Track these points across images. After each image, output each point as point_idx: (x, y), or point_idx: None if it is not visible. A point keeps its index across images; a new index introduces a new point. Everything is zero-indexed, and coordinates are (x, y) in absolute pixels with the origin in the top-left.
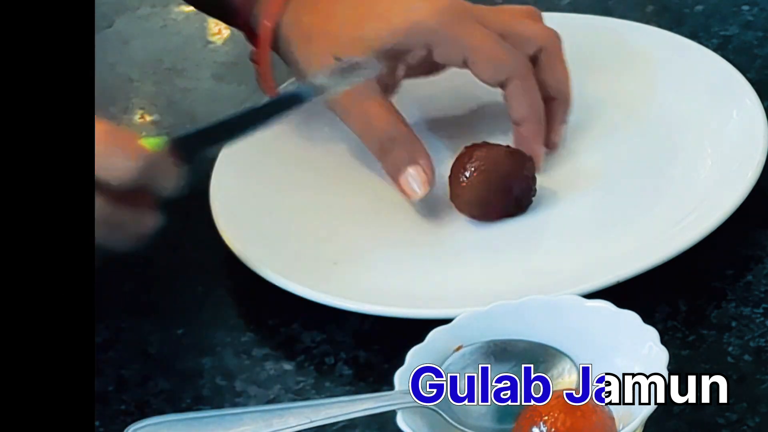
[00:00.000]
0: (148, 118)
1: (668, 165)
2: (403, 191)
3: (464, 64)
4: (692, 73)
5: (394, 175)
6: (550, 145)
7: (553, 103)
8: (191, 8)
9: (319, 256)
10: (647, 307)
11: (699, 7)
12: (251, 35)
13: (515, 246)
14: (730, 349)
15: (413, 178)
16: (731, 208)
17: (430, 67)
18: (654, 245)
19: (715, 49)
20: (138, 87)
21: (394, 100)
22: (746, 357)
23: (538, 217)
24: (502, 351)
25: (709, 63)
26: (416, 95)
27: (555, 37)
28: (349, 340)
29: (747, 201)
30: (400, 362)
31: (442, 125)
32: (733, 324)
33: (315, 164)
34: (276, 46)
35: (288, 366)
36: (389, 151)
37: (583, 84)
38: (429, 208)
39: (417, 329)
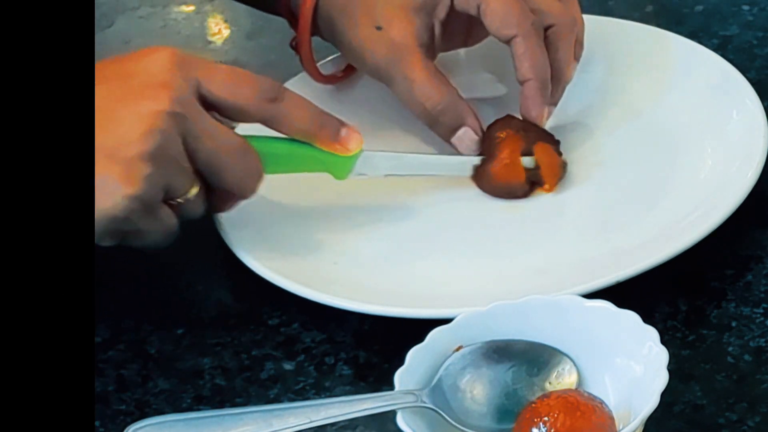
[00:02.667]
0: None
1: (668, 165)
2: (455, 149)
3: (477, 12)
4: (692, 73)
5: (445, 137)
6: (532, 120)
7: None
8: (191, 8)
9: (319, 256)
10: (647, 307)
11: (699, 7)
12: (293, 21)
13: (515, 246)
14: (730, 349)
15: (462, 140)
16: (731, 208)
17: (465, 30)
18: (654, 245)
19: (715, 49)
20: None
21: None
22: (746, 357)
23: (538, 217)
24: (502, 351)
25: (709, 63)
26: None
27: (572, 21)
28: (349, 340)
29: (747, 201)
30: (400, 362)
31: None
32: (733, 324)
33: None
34: (316, 26)
35: (288, 366)
36: (437, 118)
37: (583, 84)
38: (429, 207)
39: (417, 329)
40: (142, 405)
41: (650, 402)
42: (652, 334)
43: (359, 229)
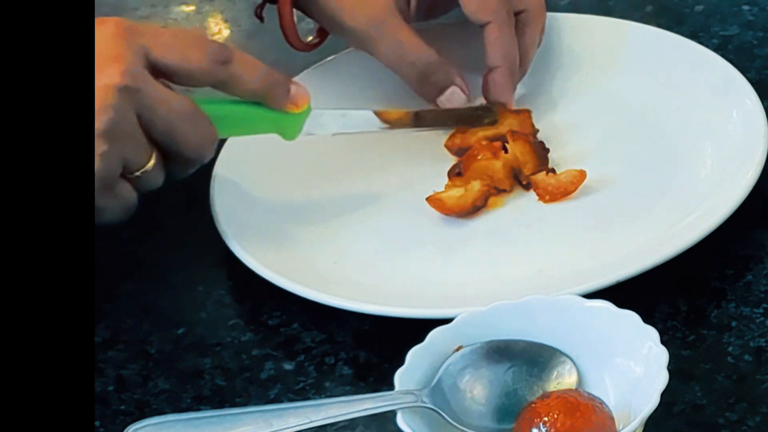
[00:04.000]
0: None
1: (668, 165)
2: (443, 106)
3: None
4: (692, 73)
5: (433, 97)
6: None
7: None
8: (191, 8)
9: (319, 256)
10: (647, 307)
11: (699, 7)
12: None
13: (515, 246)
14: (730, 349)
15: (451, 99)
16: (731, 208)
17: (426, 5)
18: (654, 245)
19: (715, 49)
20: None
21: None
22: (746, 357)
23: (537, 217)
24: (501, 351)
25: (709, 63)
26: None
27: (541, 7)
28: (349, 340)
29: (747, 201)
30: (400, 362)
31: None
32: (733, 324)
33: (315, 164)
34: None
35: (288, 366)
36: (427, 77)
37: (583, 84)
38: (429, 208)
39: (417, 329)
40: (142, 405)
41: (650, 402)
42: (652, 334)
43: (359, 228)
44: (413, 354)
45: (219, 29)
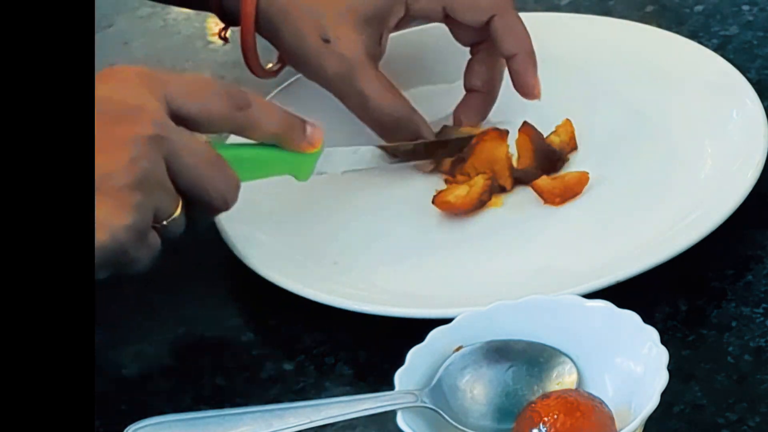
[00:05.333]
0: None
1: (668, 165)
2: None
3: (444, 14)
4: (692, 73)
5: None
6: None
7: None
8: None
9: (320, 256)
10: (647, 307)
11: (699, 7)
12: (225, 17)
13: (515, 246)
14: (730, 349)
15: None
16: (731, 209)
17: (405, 24)
18: (654, 245)
19: (715, 49)
20: None
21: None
22: (746, 357)
23: (537, 217)
24: (502, 351)
25: (709, 63)
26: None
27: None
28: (349, 340)
29: (747, 201)
30: (400, 362)
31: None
32: (733, 324)
33: None
34: (258, 25)
35: (288, 366)
36: (393, 131)
37: (583, 84)
38: (429, 207)
39: (417, 329)
40: (142, 405)
41: (650, 402)
42: (652, 334)
43: (359, 229)
44: (413, 354)
45: (219, 29)
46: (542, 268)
